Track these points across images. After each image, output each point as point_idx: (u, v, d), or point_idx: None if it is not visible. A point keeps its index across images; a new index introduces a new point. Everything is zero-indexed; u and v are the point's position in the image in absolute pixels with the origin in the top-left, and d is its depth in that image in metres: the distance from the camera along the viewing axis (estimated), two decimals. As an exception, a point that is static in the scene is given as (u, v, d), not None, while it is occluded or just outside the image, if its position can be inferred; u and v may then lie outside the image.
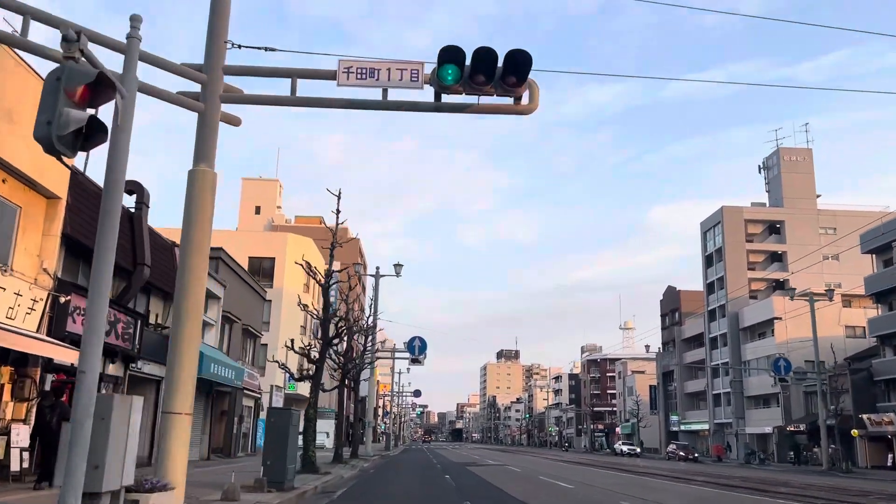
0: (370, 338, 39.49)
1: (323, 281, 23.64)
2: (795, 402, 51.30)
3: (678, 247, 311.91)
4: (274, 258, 42.31)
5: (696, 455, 53.54)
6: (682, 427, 64.82)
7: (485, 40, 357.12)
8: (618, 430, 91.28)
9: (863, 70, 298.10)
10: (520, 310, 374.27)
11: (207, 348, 25.52)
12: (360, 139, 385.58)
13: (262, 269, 42.52)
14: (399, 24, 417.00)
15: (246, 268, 37.37)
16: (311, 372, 23.19)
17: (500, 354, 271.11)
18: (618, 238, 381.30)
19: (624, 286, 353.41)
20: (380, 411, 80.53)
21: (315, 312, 25.92)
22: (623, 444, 64.22)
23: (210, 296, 25.57)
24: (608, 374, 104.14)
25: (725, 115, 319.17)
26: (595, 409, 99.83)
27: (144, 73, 21.09)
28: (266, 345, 40.60)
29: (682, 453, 52.98)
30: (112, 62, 7.90)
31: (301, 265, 26.03)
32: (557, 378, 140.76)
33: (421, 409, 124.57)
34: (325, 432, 45.63)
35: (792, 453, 49.68)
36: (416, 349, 37.45)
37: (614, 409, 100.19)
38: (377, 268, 40.19)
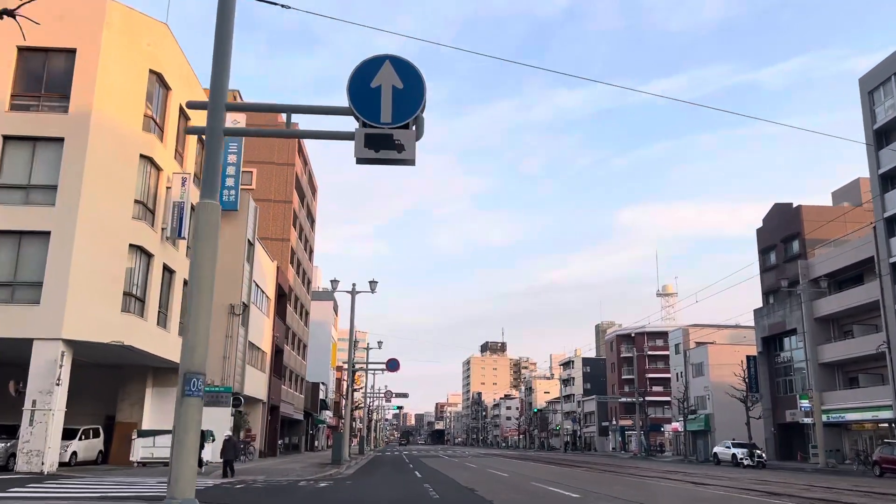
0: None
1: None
2: None
3: (649, 247, 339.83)
4: (75, 51, 21.64)
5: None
6: (831, 417, 44.63)
7: (453, 43, 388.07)
8: (674, 426, 71.57)
9: (824, 74, 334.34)
10: (494, 311, 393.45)
11: None
12: (330, 141, 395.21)
13: (51, 75, 21.90)
14: (366, 27, 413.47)
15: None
16: None
17: (484, 347, 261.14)
18: (589, 240, 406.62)
19: (595, 286, 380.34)
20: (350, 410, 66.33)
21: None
22: (730, 446, 44.06)
23: None
24: (649, 354, 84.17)
25: (690, 120, 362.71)
26: (631, 398, 79.84)
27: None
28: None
29: None
30: None
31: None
32: (567, 364, 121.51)
33: (397, 407, 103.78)
34: (209, 432, 27.16)
35: None
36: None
37: (663, 397, 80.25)
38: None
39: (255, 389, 38.06)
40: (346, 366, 50.82)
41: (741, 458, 42.36)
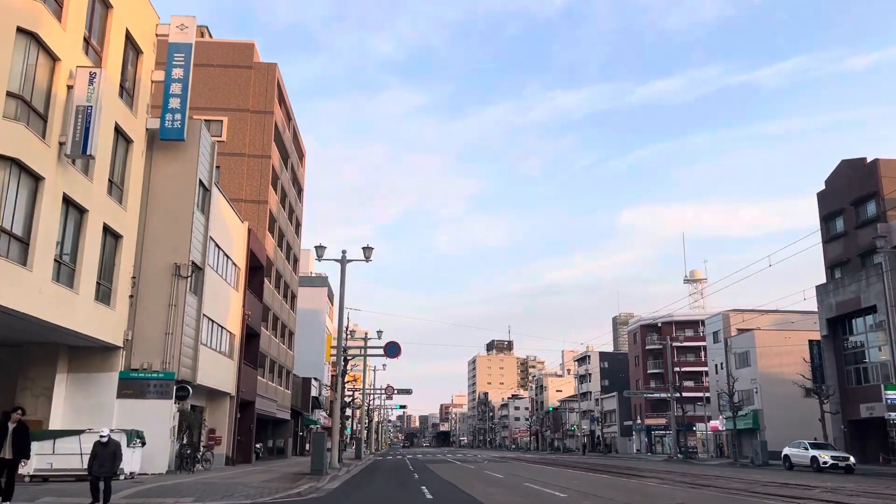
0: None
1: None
2: None
3: (649, 248, 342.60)
4: None
5: None
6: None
7: (451, 46, 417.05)
8: (714, 423, 63.74)
9: (820, 74, 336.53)
10: (496, 312, 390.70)
11: None
12: (329, 144, 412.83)
13: None
14: (363, 30, 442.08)
15: None
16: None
17: (490, 346, 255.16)
18: (589, 241, 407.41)
19: (596, 287, 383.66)
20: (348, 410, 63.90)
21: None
22: (807, 447, 36.39)
23: None
24: (678, 345, 76.21)
25: (689, 120, 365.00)
26: (661, 393, 71.97)
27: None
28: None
29: None
30: None
31: None
32: (582, 359, 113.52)
33: (400, 406, 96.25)
34: (134, 433, 18.61)
35: None
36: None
37: (694, 393, 72.48)
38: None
39: (218, 379, 30.37)
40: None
41: (824, 462, 34.54)
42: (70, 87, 19.31)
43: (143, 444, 21.17)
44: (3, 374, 22.73)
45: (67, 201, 19.63)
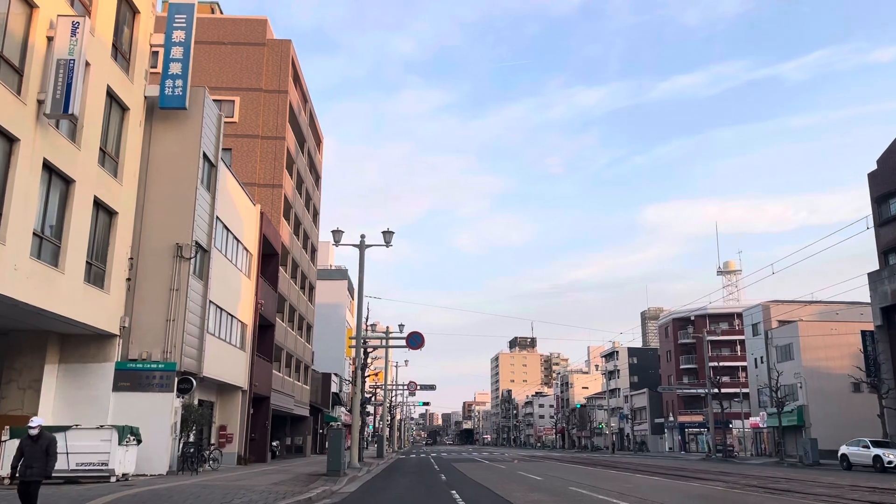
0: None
1: None
2: None
3: (673, 245, 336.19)
4: None
5: None
6: None
7: (470, 45, 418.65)
8: (754, 420, 60.70)
9: (846, 67, 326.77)
10: (517, 311, 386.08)
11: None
12: (352, 144, 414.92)
13: None
14: (382, 31, 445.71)
15: None
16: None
17: (513, 343, 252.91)
18: (611, 238, 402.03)
19: (619, 285, 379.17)
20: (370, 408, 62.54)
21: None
22: (868, 445, 33.64)
23: None
24: (713, 339, 73.12)
25: (711, 116, 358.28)
26: (696, 389, 69.08)
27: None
28: None
29: None
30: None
31: None
32: (610, 355, 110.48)
33: (423, 403, 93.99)
34: (127, 430, 16.58)
35: None
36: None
37: (730, 389, 69.36)
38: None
39: (228, 371, 28.20)
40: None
41: (889, 462, 31.60)
42: (50, 39, 17.13)
43: (139, 441, 18.98)
44: (-12, 365, 20.72)
45: (50, 168, 17.45)
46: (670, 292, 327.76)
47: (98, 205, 20.12)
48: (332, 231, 28.62)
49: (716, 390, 57.42)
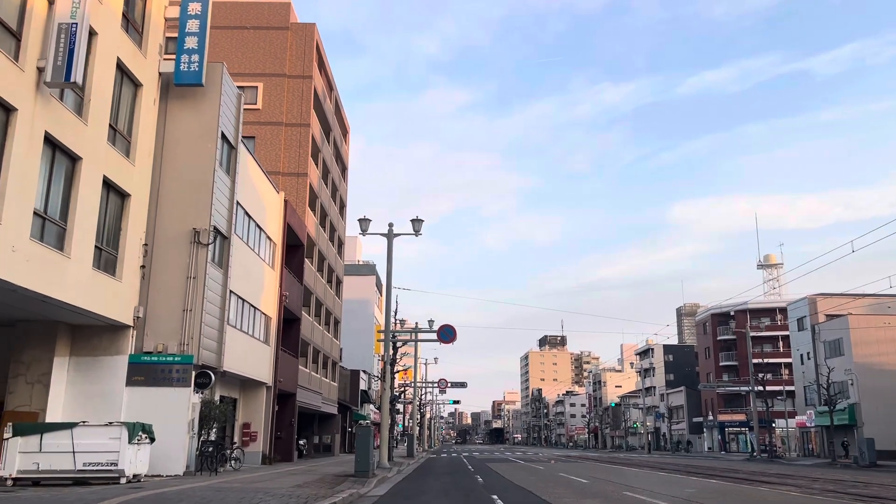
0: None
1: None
2: None
3: (703, 242, 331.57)
4: None
5: None
6: None
7: (495, 44, 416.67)
8: (801, 419, 58.02)
9: (879, 60, 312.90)
10: (545, 309, 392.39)
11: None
12: (377, 145, 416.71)
13: None
14: (407, 31, 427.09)
15: None
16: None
17: (543, 341, 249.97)
18: (639, 236, 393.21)
19: (648, 283, 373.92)
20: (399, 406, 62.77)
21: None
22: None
23: None
24: (755, 335, 70.42)
25: (740, 111, 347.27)
26: (739, 386, 66.43)
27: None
28: None
29: None
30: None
31: None
32: (644, 353, 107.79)
33: (453, 402, 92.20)
34: (139, 427, 15.57)
35: None
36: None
37: (773, 387, 66.60)
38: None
39: (251, 366, 26.81)
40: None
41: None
42: (51, 2, 15.79)
43: (152, 440, 17.58)
44: (-5, 358, 19.52)
45: (52, 143, 16.11)
46: (703, 289, 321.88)
47: (108, 186, 18.78)
48: (359, 219, 27.10)
49: (760, 388, 54.94)
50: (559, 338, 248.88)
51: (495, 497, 15.09)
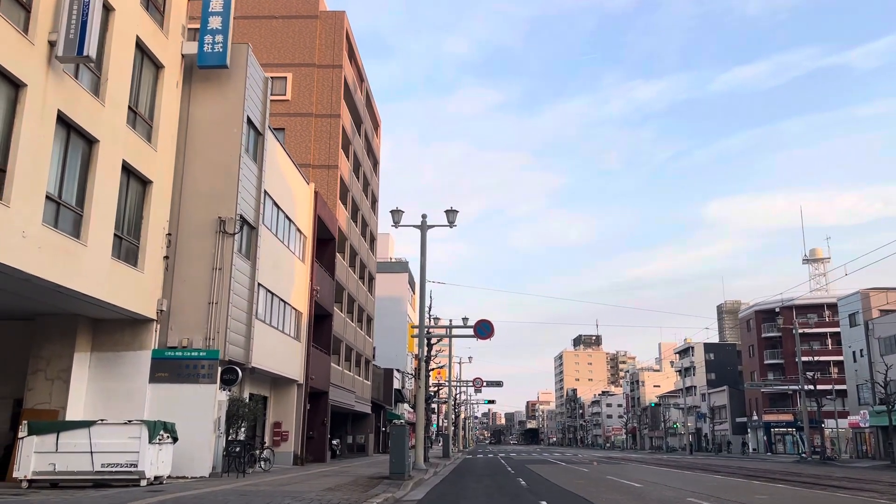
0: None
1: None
2: None
3: (739, 240, 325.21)
4: None
5: None
6: None
7: (525, 43, 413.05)
8: (854, 419, 55.53)
9: None
10: (578, 309, 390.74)
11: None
12: (407, 146, 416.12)
13: None
14: (436, 32, 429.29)
15: None
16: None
17: (577, 341, 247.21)
18: (673, 234, 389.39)
19: (684, 281, 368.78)
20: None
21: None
22: None
23: None
24: (802, 332, 67.75)
25: (776, 106, 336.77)
26: (788, 385, 63.90)
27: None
28: None
29: None
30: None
31: None
32: (684, 352, 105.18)
33: (488, 401, 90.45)
34: (159, 425, 14.26)
35: None
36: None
37: (822, 386, 63.94)
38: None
39: (281, 362, 25.77)
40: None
41: None
42: (63, -29, 14.85)
43: (175, 439, 16.55)
44: (12, 354, 18.69)
45: (67, 123, 15.15)
46: (742, 287, 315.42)
47: (128, 171, 17.81)
48: (392, 211, 25.83)
49: (810, 387, 52.61)
50: (594, 337, 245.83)
51: (544, 503, 13.72)
